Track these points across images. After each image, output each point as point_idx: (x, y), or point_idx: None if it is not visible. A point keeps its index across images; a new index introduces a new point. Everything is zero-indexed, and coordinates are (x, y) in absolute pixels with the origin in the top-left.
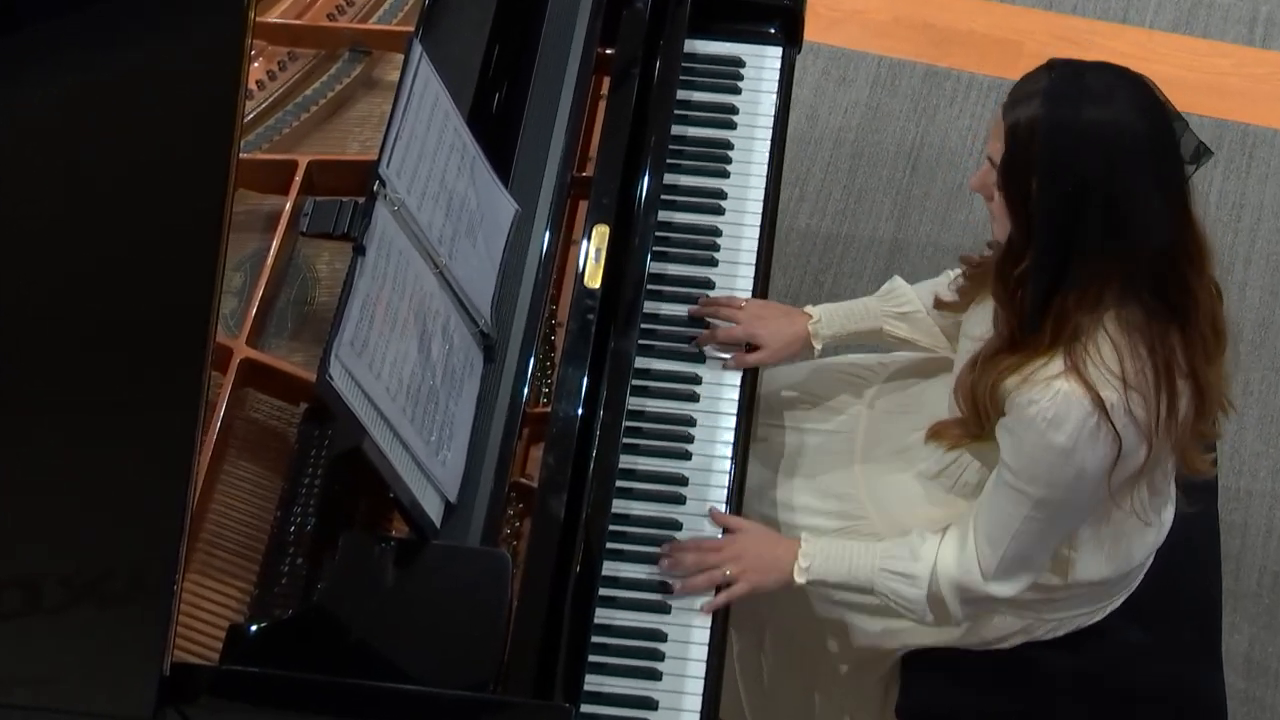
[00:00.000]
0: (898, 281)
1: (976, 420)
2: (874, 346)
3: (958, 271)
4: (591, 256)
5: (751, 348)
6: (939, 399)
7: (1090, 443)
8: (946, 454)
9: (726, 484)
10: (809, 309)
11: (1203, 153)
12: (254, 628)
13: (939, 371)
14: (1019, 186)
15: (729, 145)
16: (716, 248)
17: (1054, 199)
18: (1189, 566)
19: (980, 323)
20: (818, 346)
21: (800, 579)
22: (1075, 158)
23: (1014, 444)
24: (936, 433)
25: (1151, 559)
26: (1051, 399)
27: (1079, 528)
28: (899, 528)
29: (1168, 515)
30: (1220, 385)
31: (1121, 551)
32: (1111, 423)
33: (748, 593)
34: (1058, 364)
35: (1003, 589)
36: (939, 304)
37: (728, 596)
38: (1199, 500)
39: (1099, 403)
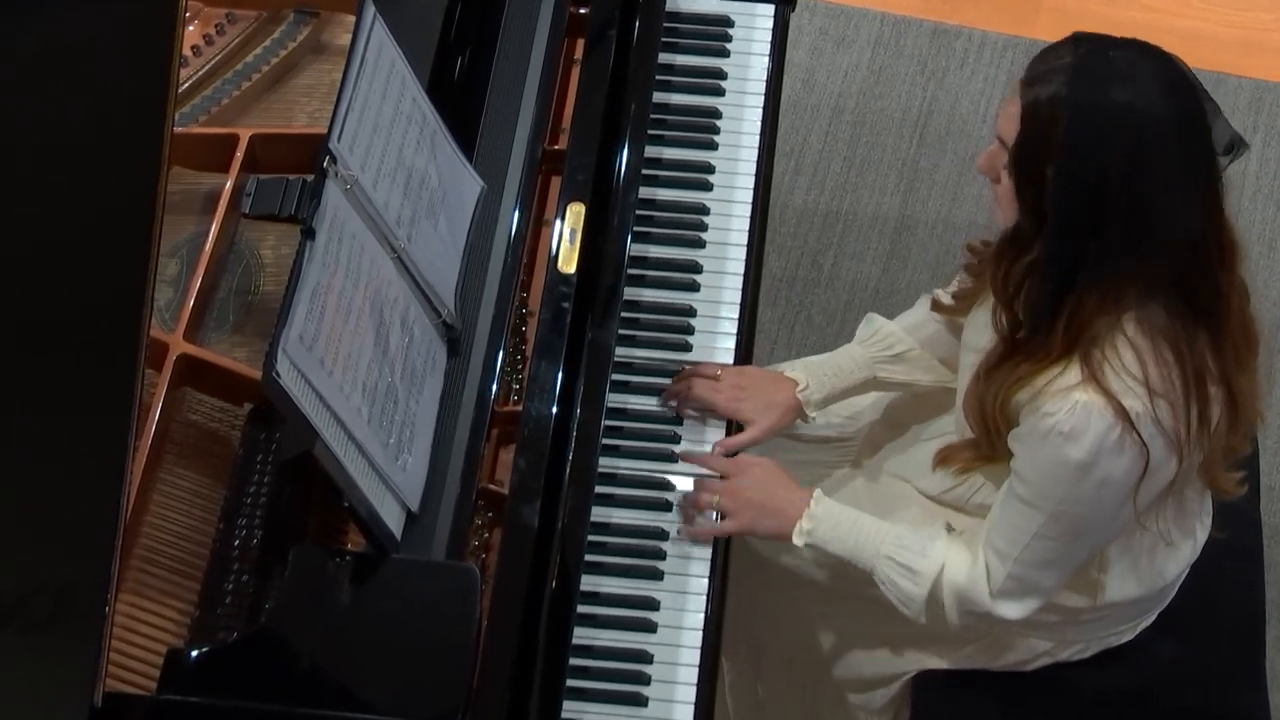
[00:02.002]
0: (877, 320)
1: (988, 439)
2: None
3: (943, 291)
4: (565, 238)
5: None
6: (944, 424)
7: (1112, 456)
8: (957, 475)
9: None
10: (790, 372)
11: (1237, 144)
12: (195, 653)
13: (929, 414)
14: (1033, 172)
15: (717, 114)
16: (704, 227)
17: (1072, 188)
18: (1229, 574)
19: (981, 332)
20: (812, 415)
21: (798, 540)
22: (1099, 143)
23: (1028, 456)
24: (945, 458)
25: (1186, 572)
26: (1069, 411)
27: (1106, 548)
28: None
29: (1201, 533)
30: (1253, 393)
31: (1154, 569)
32: (1138, 433)
33: (736, 530)
34: (1074, 373)
35: (1009, 609)
36: (937, 307)
37: (714, 531)
38: (1229, 525)
39: (1122, 413)
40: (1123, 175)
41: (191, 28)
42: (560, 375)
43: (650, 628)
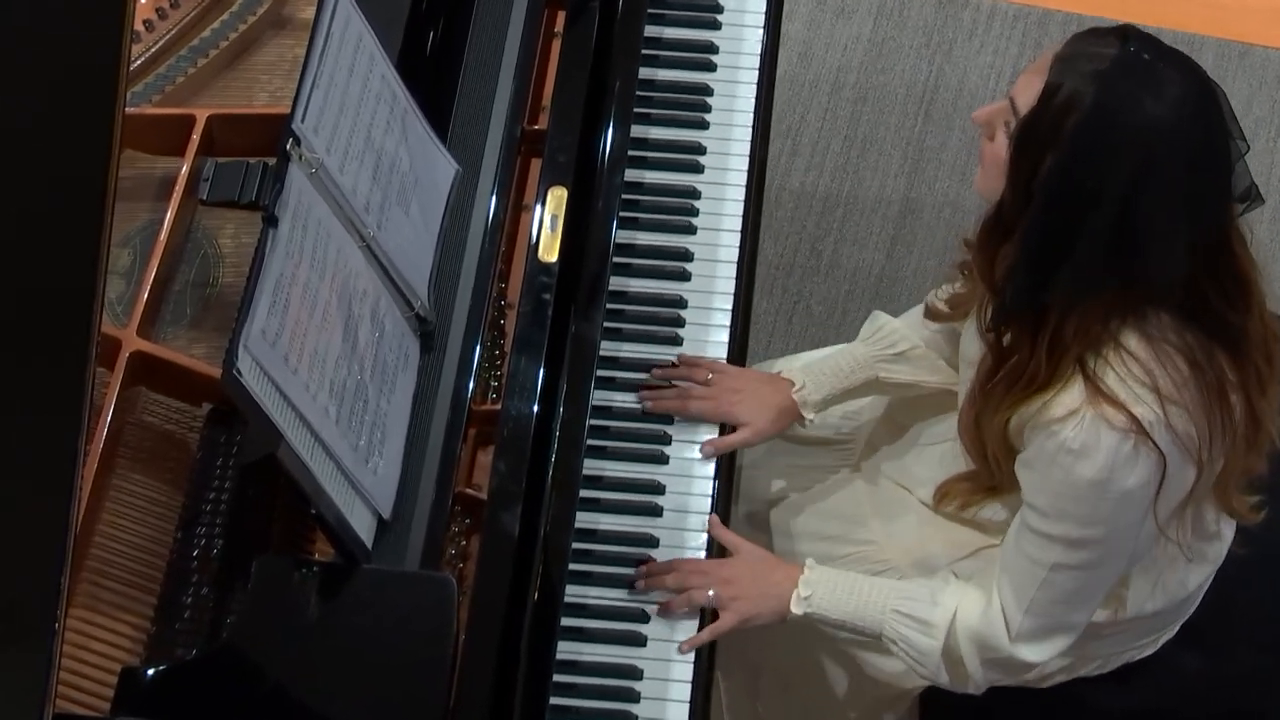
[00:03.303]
0: (881, 318)
1: (986, 467)
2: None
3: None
4: (546, 225)
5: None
6: (945, 428)
7: (1127, 469)
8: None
9: (710, 492)
10: (786, 371)
11: (1253, 196)
12: (151, 671)
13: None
14: (1033, 153)
15: (708, 90)
16: (695, 212)
17: (1065, 188)
18: (1255, 579)
19: (976, 342)
20: (810, 416)
21: (797, 610)
22: (1107, 153)
23: (1037, 480)
24: (945, 494)
25: (1210, 581)
26: (1076, 427)
27: (1127, 570)
28: (912, 555)
29: (1222, 543)
30: (1272, 413)
31: (1176, 581)
32: (1153, 441)
33: (736, 625)
34: (1075, 391)
35: (1031, 652)
36: (931, 313)
37: (712, 632)
38: (1250, 540)
39: (1133, 423)
40: (1119, 193)
41: (144, 0)
42: (542, 371)
43: (640, 641)
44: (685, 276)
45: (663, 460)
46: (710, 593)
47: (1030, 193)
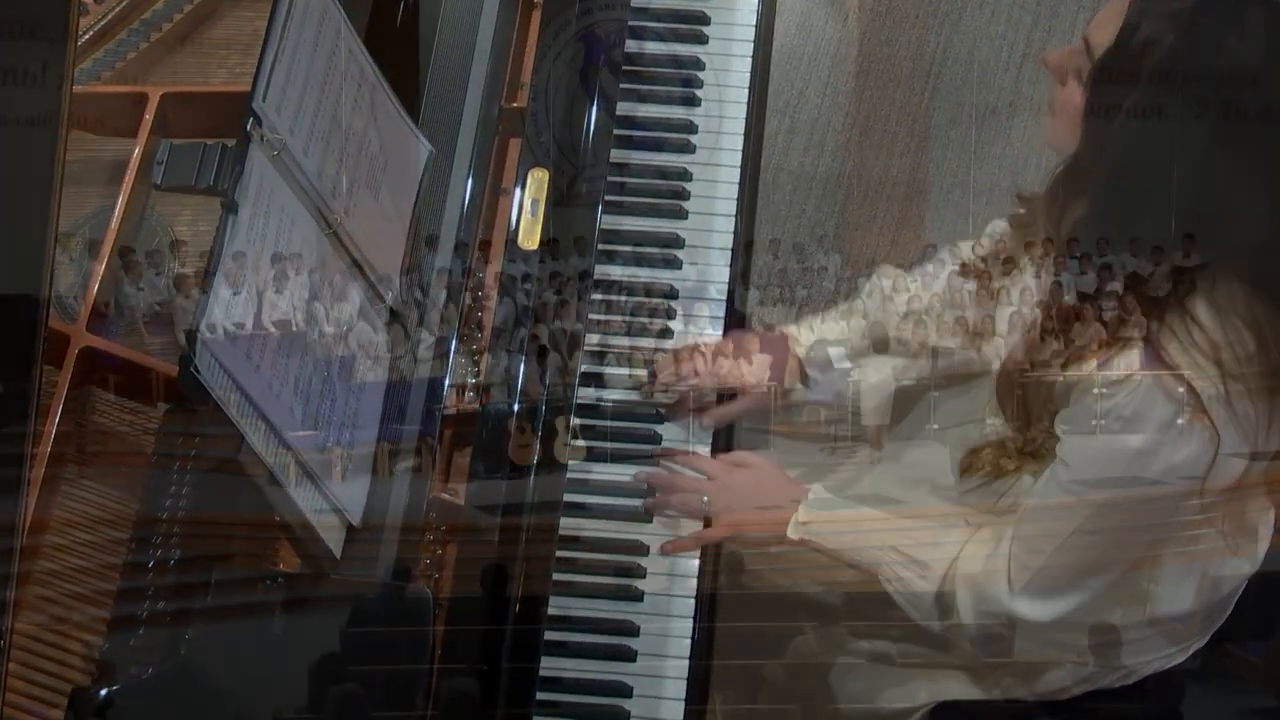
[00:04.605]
0: (889, 272)
1: (1023, 429)
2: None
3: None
4: (527, 209)
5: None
6: (956, 406)
7: (1178, 442)
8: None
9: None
10: (784, 328)
11: None
12: (103, 691)
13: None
14: (1107, 99)
15: (699, 65)
16: (686, 195)
17: (1139, 136)
18: None
19: (1021, 301)
20: (813, 374)
21: (794, 535)
22: (1187, 103)
23: (1079, 441)
24: (972, 462)
25: (1243, 587)
26: (1130, 393)
27: (1160, 554)
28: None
29: (1263, 542)
30: None
31: (1210, 579)
32: (1209, 417)
33: (726, 537)
34: (1133, 355)
35: (1033, 609)
36: (966, 271)
37: (697, 538)
38: None
39: (1192, 396)
40: (1200, 143)
41: None
42: (522, 368)
43: (628, 656)
44: (676, 264)
45: (654, 462)
46: (705, 499)
47: (1104, 142)
